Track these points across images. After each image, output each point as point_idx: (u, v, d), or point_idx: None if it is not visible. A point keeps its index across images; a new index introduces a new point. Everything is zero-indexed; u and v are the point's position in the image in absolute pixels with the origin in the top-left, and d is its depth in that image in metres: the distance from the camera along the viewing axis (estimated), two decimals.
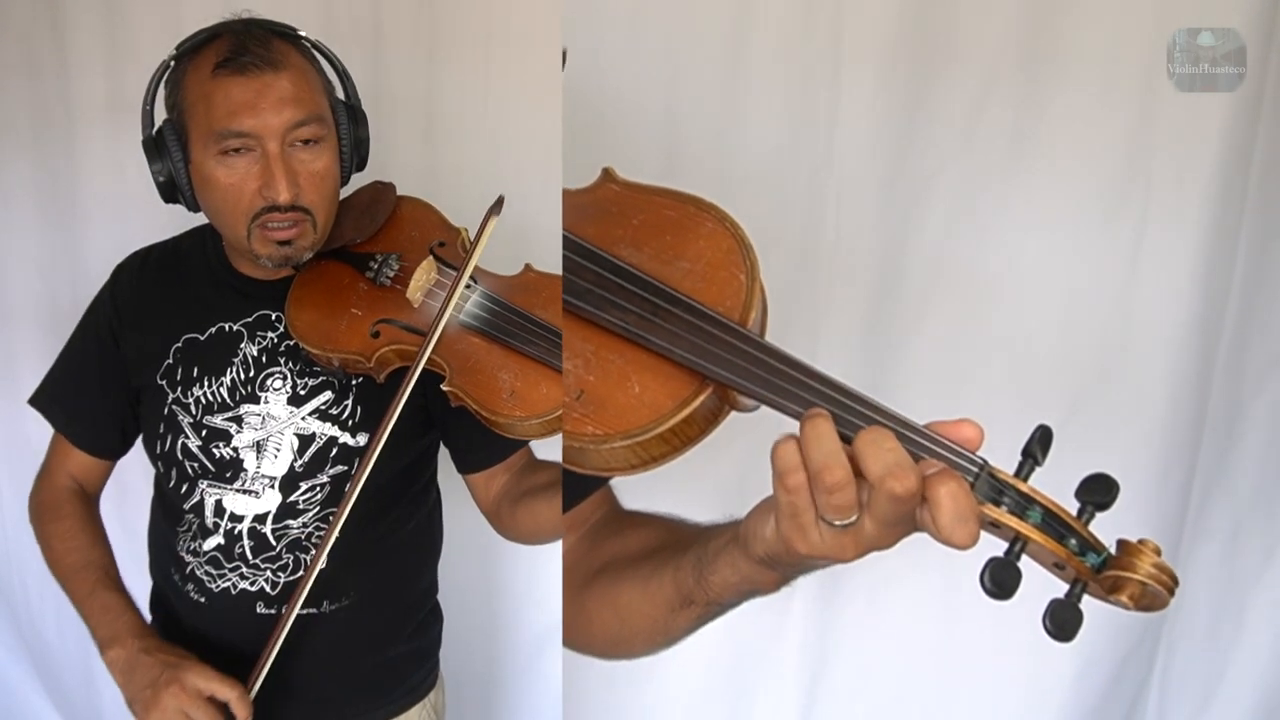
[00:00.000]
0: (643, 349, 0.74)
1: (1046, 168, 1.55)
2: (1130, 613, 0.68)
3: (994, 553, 0.66)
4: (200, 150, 1.12)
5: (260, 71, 1.10)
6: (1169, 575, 0.65)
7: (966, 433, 0.68)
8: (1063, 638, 0.65)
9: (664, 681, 1.83)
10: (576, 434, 0.73)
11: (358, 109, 1.23)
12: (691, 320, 0.73)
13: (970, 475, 0.67)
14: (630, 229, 0.80)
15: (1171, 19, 1.41)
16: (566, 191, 0.87)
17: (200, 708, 1.10)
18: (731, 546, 0.77)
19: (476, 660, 1.83)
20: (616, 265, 0.77)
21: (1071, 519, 0.67)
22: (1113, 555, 0.67)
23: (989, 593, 0.65)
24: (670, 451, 0.74)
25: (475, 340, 1.05)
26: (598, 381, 0.75)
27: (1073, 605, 0.66)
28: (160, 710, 1.10)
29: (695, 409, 0.72)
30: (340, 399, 1.21)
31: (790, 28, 1.56)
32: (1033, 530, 0.67)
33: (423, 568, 1.38)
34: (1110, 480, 0.67)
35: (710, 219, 0.78)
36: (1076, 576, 0.67)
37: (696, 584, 0.80)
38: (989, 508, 0.67)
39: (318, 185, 1.14)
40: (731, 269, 0.76)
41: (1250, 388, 1.64)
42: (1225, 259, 1.57)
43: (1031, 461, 0.69)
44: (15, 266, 1.88)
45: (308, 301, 1.18)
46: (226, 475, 1.21)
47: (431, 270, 1.13)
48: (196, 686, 1.10)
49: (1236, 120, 1.50)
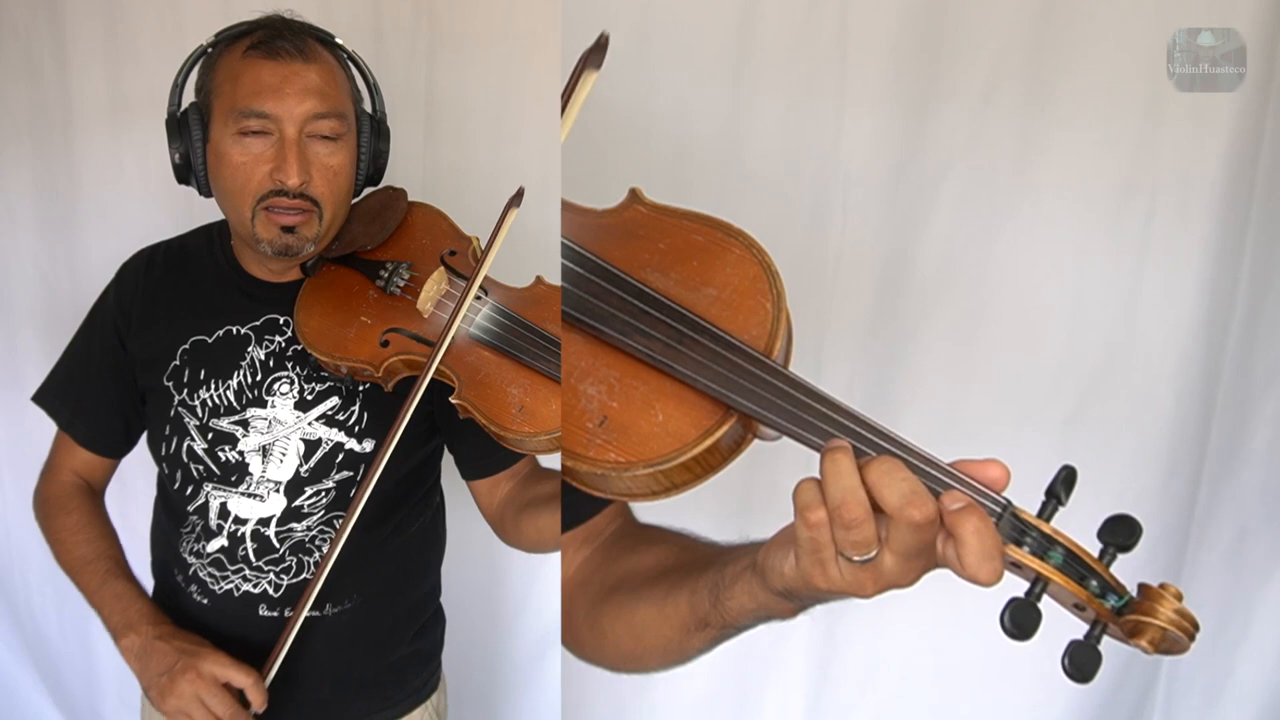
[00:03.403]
0: (667, 376, 0.74)
1: (1052, 170, 1.56)
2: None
3: (1014, 593, 0.66)
4: (220, 128, 1.13)
5: (290, 59, 1.11)
6: (1190, 621, 0.65)
7: (993, 473, 0.68)
8: (1081, 679, 0.66)
9: (668, 684, 1.83)
10: (599, 460, 0.73)
11: (382, 123, 1.23)
12: (717, 350, 0.73)
13: (994, 515, 0.67)
14: (657, 253, 0.79)
15: (1179, 20, 1.42)
16: (588, 210, 0.87)
17: (216, 694, 1.11)
18: (749, 574, 0.76)
19: (478, 663, 1.83)
20: (643, 291, 0.77)
21: (1093, 560, 0.68)
22: (1134, 599, 0.67)
23: (1009, 634, 0.65)
24: (692, 479, 0.74)
25: (485, 353, 1.04)
26: (621, 408, 0.74)
27: (1092, 647, 0.66)
28: (176, 696, 1.11)
29: (719, 439, 0.72)
30: (347, 405, 1.20)
31: (795, 29, 1.56)
32: (1054, 572, 0.67)
33: (426, 571, 1.37)
34: (1133, 522, 0.68)
35: (738, 245, 0.78)
36: (1096, 618, 0.67)
37: (713, 608, 0.80)
38: (1011, 548, 0.67)
39: (329, 180, 1.14)
40: (758, 297, 0.75)
41: (1258, 388, 1.64)
42: (1232, 259, 1.57)
43: (1055, 502, 0.69)
44: (15, 266, 1.87)
45: (317, 308, 1.17)
46: (232, 478, 1.20)
47: (442, 280, 1.12)
48: (213, 673, 1.12)
49: (1243, 121, 1.50)
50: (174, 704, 1.11)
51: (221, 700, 1.11)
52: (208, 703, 1.11)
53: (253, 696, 1.13)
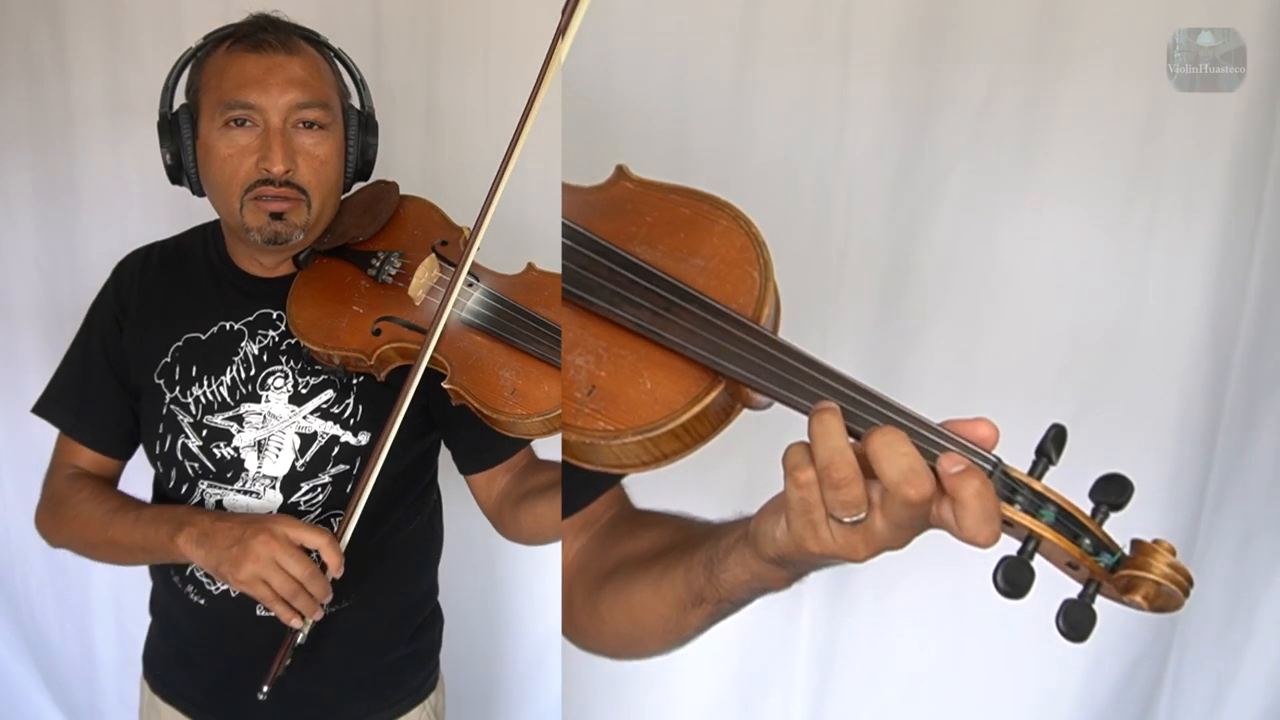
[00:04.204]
0: (655, 345, 0.74)
1: (1056, 168, 1.56)
2: (1142, 614, 0.67)
3: (1006, 551, 0.66)
4: (207, 122, 1.15)
5: (274, 51, 1.13)
6: (1184, 575, 0.65)
7: (982, 432, 0.67)
8: (1076, 638, 0.65)
9: (670, 685, 1.82)
10: (587, 429, 0.73)
11: (370, 118, 1.24)
12: (705, 316, 0.73)
13: (985, 473, 0.67)
14: (644, 226, 0.80)
15: (1183, 18, 1.42)
16: (577, 188, 0.87)
17: (293, 554, 1.06)
18: (742, 545, 0.76)
19: (477, 662, 1.83)
20: (630, 261, 0.77)
21: (1085, 518, 0.67)
22: (1127, 555, 0.67)
23: (1002, 591, 0.65)
24: (682, 448, 0.74)
25: (477, 338, 1.05)
26: (609, 377, 0.74)
27: (1086, 605, 0.65)
28: (253, 560, 1.05)
29: (708, 405, 0.72)
30: (342, 398, 1.20)
31: (799, 27, 1.57)
32: (1046, 529, 0.66)
33: (423, 570, 1.37)
34: (1125, 480, 0.67)
35: (724, 216, 0.78)
36: (1090, 576, 0.67)
37: (707, 582, 0.80)
38: (1003, 506, 0.66)
39: (315, 168, 1.15)
40: (745, 266, 0.76)
41: (1265, 387, 1.64)
42: (1240, 255, 1.57)
43: (1045, 460, 0.68)
44: (15, 266, 1.88)
45: (309, 299, 1.17)
46: (227, 476, 1.20)
47: (434, 268, 1.12)
48: (285, 534, 1.06)
49: (1248, 120, 1.51)
50: (250, 570, 1.05)
51: (299, 560, 1.06)
52: (284, 564, 1.05)
53: (329, 557, 1.07)
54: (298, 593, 1.06)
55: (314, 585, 1.07)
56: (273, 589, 1.05)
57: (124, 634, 1.94)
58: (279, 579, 1.05)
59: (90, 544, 1.25)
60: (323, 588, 1.07)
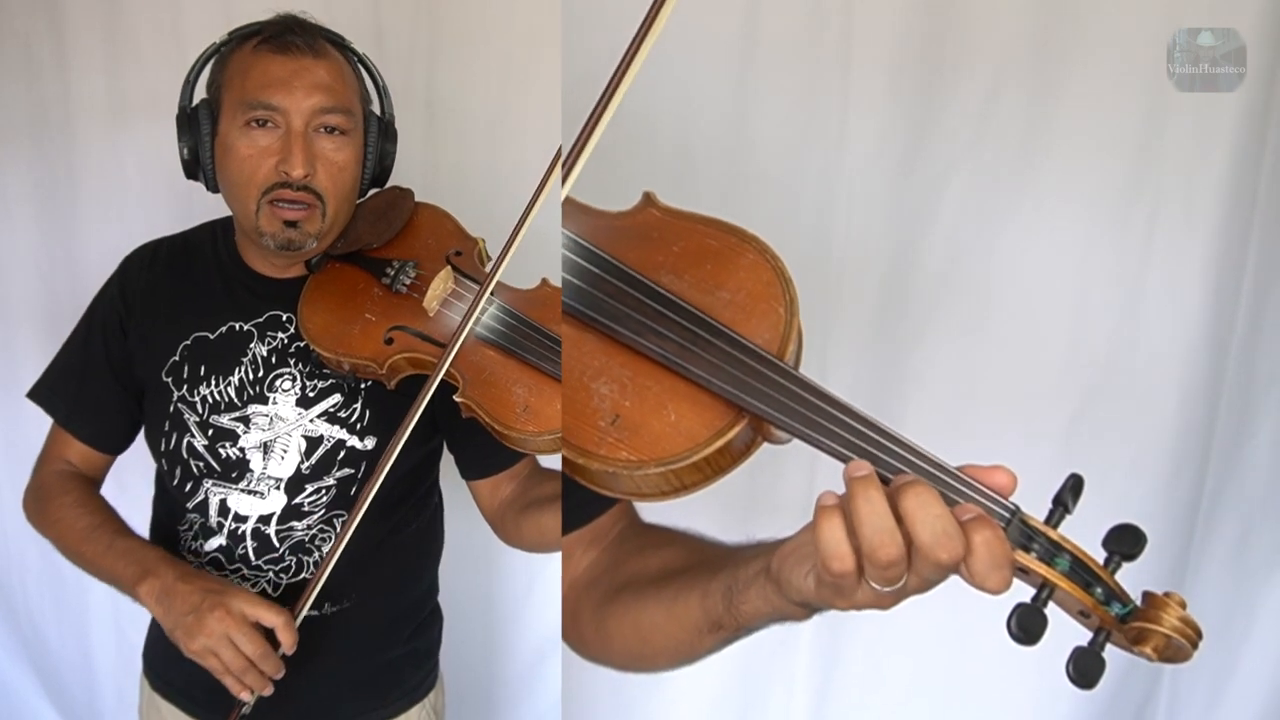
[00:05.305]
0: (680, 377, 0.75)
1: (1056, 170, 1.57)
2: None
3: (1020, 599, 0.67)
4: (228, 121, 1.14)
5: (300, 54, 1.13)
6: (1193, 629, 0.66)
7: (1000, 479, 0.68)
8: (1085, 685, 0.66)
9: (671, 684, 1.82)
10: (611, 459, 0.73)
11: (390, 126, 1.24)
12: (731, 352, 0.74)
13: (1002, 520, 0.68)
14: (671, 256, 0.80)
15: (1183, 18, 1.43)
16: (601, 211, 0.87)
17: (246, 632, 1.06)
18: (763, 580, 0.76)
19: (477, 662, 1.83)
20: (659, 293, 0.77)
21: (1099, 568, 0.68)
22: (1138, 607, 0.68)
23: (1015, 639, 0.66)
24: (702, 480, 0.75)
25: (490, 353, 1.05)
26: (634, 407, 0.75)
27: (1096, 654, 0.67)
28: (205, 634, 1.06)
29: (731, 440, 0.73)
30: (349, 402, 1.20)
31: (799, 30, 1.57)
32: (1060, 578, 0.67)
33: (424, 570, 1.37)
34: (1138, 531, 0.68)
35: (751, 250, 0.79)
36: (1101, 625, 0.68)
37: (726, 611, 0.80)
38: (1019, 554, 0.67)
39: (334, 174, 1.15)
40: (771, 301, 0.76)
41: (1261, 387, 1.65)
42: (1236, 259, 1.58)
43: (1062, 509, 0.70)
44: (14, 266, 1.87)
45: (321, 304, 1.17)
46: (232, 475, 1.20)
47: (449, 280, 1.12)
48: (242, 610, 1.07)
49: (1247, 121, 1.52)
50: (202, 643, 1.06)
51: (251, 639, 1.06)
52: (237, 641, 1.06)
53: (283, 637, 1.08)
54: (247, 669, 1.07)
55: (265, 664, 1.08)
56: (223, 663, 1.07)
57: (122, 635, 1.93)
58: (229, 654, 1.06)
59: (66, 550, 1.26)
60: (274, 665, 1.08)
